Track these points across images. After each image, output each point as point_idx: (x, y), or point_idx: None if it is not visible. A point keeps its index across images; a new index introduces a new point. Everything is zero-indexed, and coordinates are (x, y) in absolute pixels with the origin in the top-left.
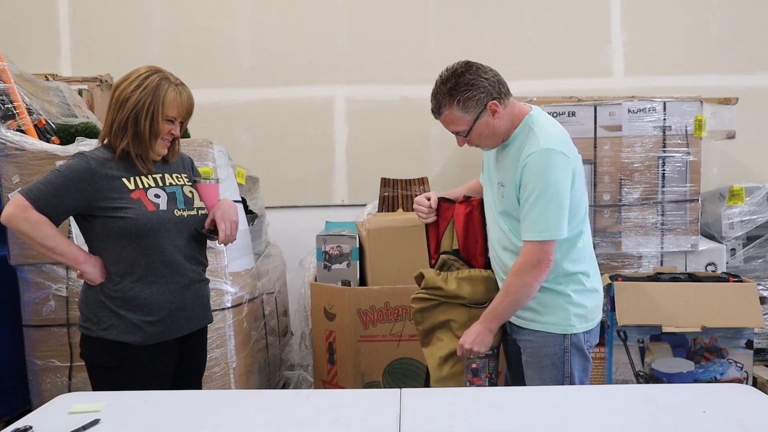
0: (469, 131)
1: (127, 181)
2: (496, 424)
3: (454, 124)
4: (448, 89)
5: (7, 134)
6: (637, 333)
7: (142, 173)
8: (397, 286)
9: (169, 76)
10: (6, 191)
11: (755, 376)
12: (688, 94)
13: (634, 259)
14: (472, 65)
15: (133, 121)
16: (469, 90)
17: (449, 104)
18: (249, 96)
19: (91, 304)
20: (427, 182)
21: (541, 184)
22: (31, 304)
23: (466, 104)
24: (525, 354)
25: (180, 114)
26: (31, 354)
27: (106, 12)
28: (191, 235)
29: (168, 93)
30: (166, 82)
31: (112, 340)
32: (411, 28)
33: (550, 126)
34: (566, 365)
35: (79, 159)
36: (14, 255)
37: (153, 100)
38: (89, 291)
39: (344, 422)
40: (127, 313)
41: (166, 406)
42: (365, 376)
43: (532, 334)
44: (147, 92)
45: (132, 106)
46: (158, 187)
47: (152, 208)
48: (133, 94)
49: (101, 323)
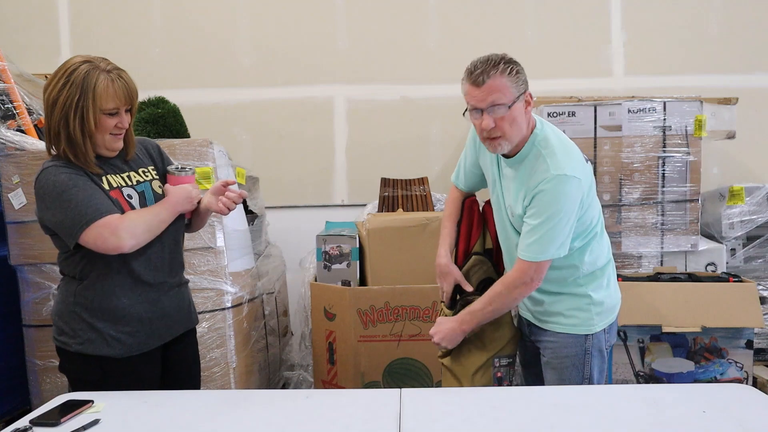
0: (510, 106)
1: (103, 182)
2: (496, 424)
3: (500, 92)
4: (500, 58)
5: (7, 134)
6: (637, 333)
7: (110, 172)
8: (397, 286)
9: (99, 63)
10: (6, 191)
11: (755, 376)
12: (688, 94)
13: (634, 259)
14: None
15: (65, 125)
16: (518, 67)
17: (502, 71)
18: (249, 96)
19: (65, 317)
20: (427, 182)
21: (551, 211)
22: (31, 304)
23: (516, 77)
24: (546, 355)
25: (120, 103)
26: (31, 354)
27: (106, 12)
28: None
29: (99, 83)
30: (96, 71)
31: (90, 354)
32: (411, 28)
33: (559, 146)
34: (586, 366)
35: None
36: (14, 255)
37: (81, 95)
38: (62, 303)
39: (344, 422)
40: (103, 325)
41: (166, 406)
42: (365, 376)
43: (554, 335)
44: (74, 88)
45: (61, 106)
46: (128, 186)
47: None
48: (60, 93)
49: (77, 337)
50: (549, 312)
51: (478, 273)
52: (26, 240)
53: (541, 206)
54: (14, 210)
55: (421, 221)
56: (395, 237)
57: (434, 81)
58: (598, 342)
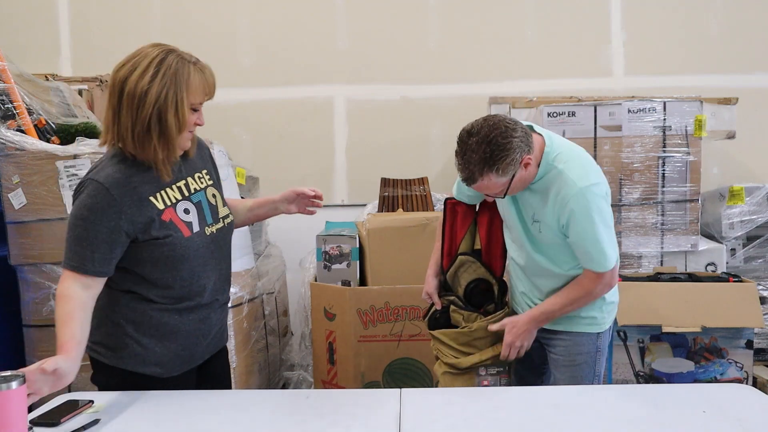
0: (506, 191)
1: (155, 200)
2: (496, 424)
3: (490, 189)
4: (484, 159)
5: (7, 134)
6: (637, 333)
7: (167, 184)
8: (397, 286)
9: (183, 54)
10: (6, 191)
11: (755, 376)
12: (688, 94)
13: (634, 259)
14: (498, 124)
15: (157, 120)
16: (506, 155)
17: (487, 173)
18: (249, 96)
19: (106, 327)
20: (427, 182)
21: (592, 223)
22: (31, 304)
23: (505, 170)
24: (558, 353)
25: (205, 97)
26: (31, 354)
27: (106, 12)
28: (226, 254)
29: (192, 76)
30: (185, 63)
31: (129, 370)
32: (411, 28)
33: (573, 157)
34: (597, 364)
35: (95, 191)
36: (14, 255)
37: (176, 89)
38: (105, 312)
39: (344, 422)
40: (149, 341)
41: (166, 406)
42: (365, 376)
43: (568, 335)
44: (168, 80)
45: (154, 101)
46: (184, 198)
47: (187, 234)
48: (151, 85)
49: (117, 350)
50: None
51: (466, 273)
52: (26, 240)
53: (582, 224)
54: (14, 210)
55: (421, 221)
56: (395, 237)
57: (434, 81)
58: (606, 339)
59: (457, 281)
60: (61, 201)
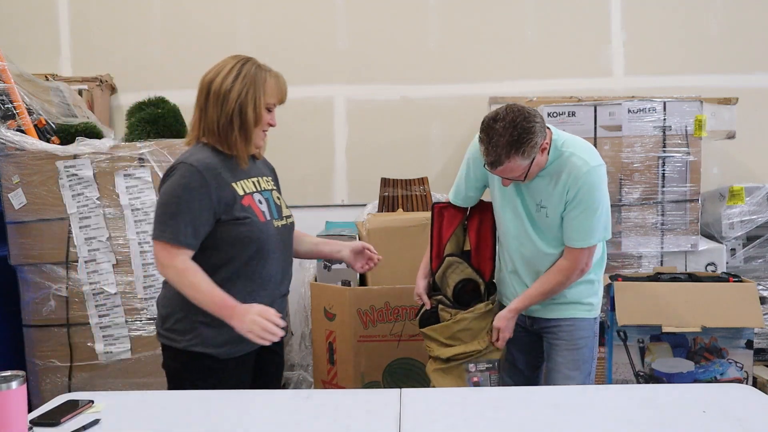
0: (526, 175)
1: (236, 186)
2: (496, 424)
3: (513, 172)
4: (510, 142)
5: (7, 134)
6: (637, 333)
7: (244, 176)
8: (397, 286)
9: (259, 63)
10: (6, 191)
11: (755, 376)
12: (688, 94)
13: (634, 259)
14: (522, 110)
15: (238, 113)
16: (530, 138)
17: (514, 155)
18: None
19: (179, 315)
20: (427, 182)
21: (594, 199)
22: (31, 304)
23: (529, 153)
24: (557, 339)
25: (278, 101)
26: (31, 354)
27: (106, 12)
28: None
29: (267, 80)
30: (261, 69)
31: (197, 352)
32: (411, 28)
33: (579, 142)
34: (594, 347)
35: (188, 172)
36: (14, 255)
37: (255, 89)
38: (176, 300)
39: (344, 422)
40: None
41: (166, 406)
42: (365, 376)
43: (571, 320)
44: (248, 80)
45: (236, 97)
46: (257, 191)
47: (263, 219)
48: (233, 85)
49: (187, 333)
50: (568, 300)
51: (454, 274)
52: (26, 240)
53: (586, 197)
54: (14, 210)
55: (421, 221)
56: (395, 237)
57: (434, 81)
58: (598, 322)
59: (446, 282)
60: (61, 201)
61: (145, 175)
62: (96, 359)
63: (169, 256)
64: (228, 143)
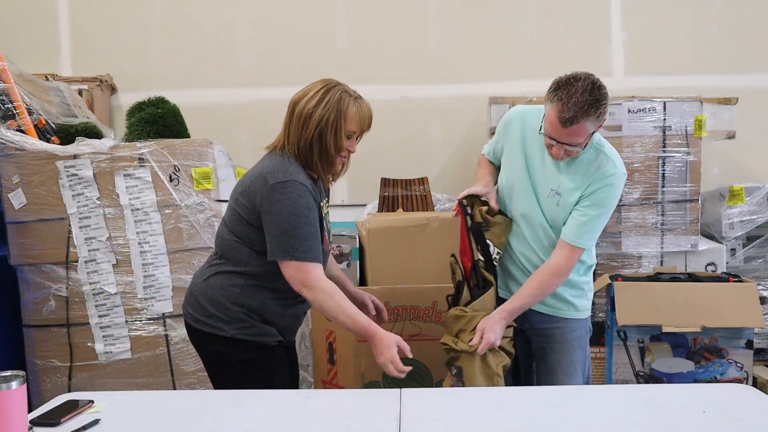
0: (585, 144)
1: (322, 206)
2: (496, 424)
3: (580, 135)
4: (593, 101)
5: (7, 134)
6: (637, 333)
7: (321, 198)
8: (397, 286)
9: (347, 89)
10: (6, 191)
11: (755, 376)
12: (688, 94)
13: (634, 259)
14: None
15: (318, 138)
16: (606, 104)
17: (591, 115)
18: (249, 96)
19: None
20: (427, 182)
21: (607, 203)
22: (31, 304)
23: (599, 119)
24: (552, 341)
25: (360, 128)
26: (31, 354)
27: (106, 12)
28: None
29: (350, 107)
30: (347, 95)
31: (246, 339)
32: (411, 28)
33: (613, 150)
34: (586, 346)
35: (303, 191)
36: (14, 255)
37: (336, 115)
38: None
39: (344, 422)
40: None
41: (166, 406)
42: (365, 376)
43: (564, 321)
44: (330, 107)
45: (317, 122)
46: (325, 215)
47: (326, 246)
48: (315, 109)
49: (234, 322)
50: (562, 300)
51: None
52: (26, 240)
53: (602, 197)
54: (14, 210)
55: (421, 221)
56: (395, 237)
57: (434, 81)
58: (589, 321)
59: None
60: (61, 201)
61: (145, 175)
62: (96, 359)
63: (313, 277)
64: (309, 165)
